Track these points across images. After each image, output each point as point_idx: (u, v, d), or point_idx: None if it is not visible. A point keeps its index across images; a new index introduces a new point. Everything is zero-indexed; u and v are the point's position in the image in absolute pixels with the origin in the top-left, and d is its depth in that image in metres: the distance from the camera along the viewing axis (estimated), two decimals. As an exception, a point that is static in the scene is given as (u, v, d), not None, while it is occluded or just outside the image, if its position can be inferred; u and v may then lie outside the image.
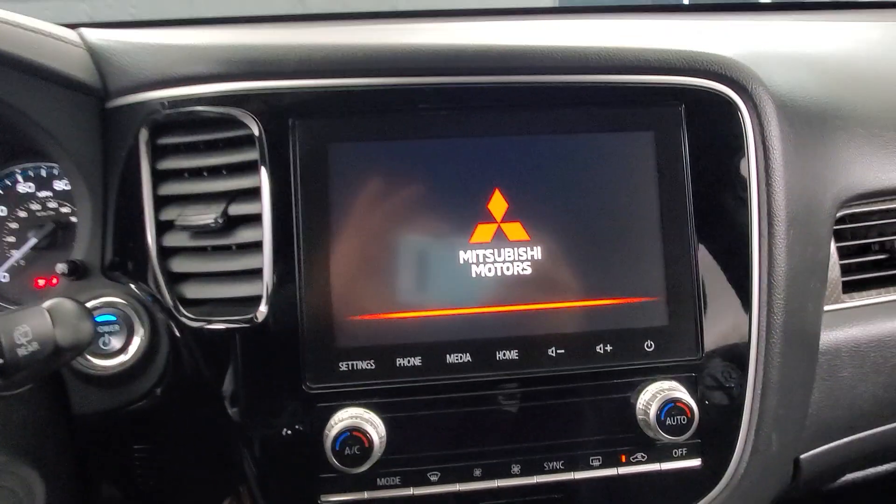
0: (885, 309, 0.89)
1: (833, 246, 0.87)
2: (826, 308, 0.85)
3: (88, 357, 0.73)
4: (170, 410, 0.75)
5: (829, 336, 0.84)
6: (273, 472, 0.70)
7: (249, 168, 0.72)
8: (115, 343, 0.73)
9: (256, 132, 0.71)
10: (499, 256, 0.72)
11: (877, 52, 0.96)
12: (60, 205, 0.89)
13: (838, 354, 0.84)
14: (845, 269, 0.88)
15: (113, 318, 0.73)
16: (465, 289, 0.71)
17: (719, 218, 0.75)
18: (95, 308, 0.74)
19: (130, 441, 0.77)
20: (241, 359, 0.71)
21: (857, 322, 0.86)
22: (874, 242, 0.92)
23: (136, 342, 0.73)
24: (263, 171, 0.71)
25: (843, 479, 1.08)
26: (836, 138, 0.85)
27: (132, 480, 0.79)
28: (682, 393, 0.71)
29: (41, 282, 0.89)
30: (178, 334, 0.73)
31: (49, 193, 0.90)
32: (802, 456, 0.84)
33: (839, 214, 0.88)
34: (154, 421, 0.76)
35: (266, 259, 0.70)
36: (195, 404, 0.74)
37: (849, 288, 0.89)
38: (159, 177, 0.74)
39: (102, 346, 0.73)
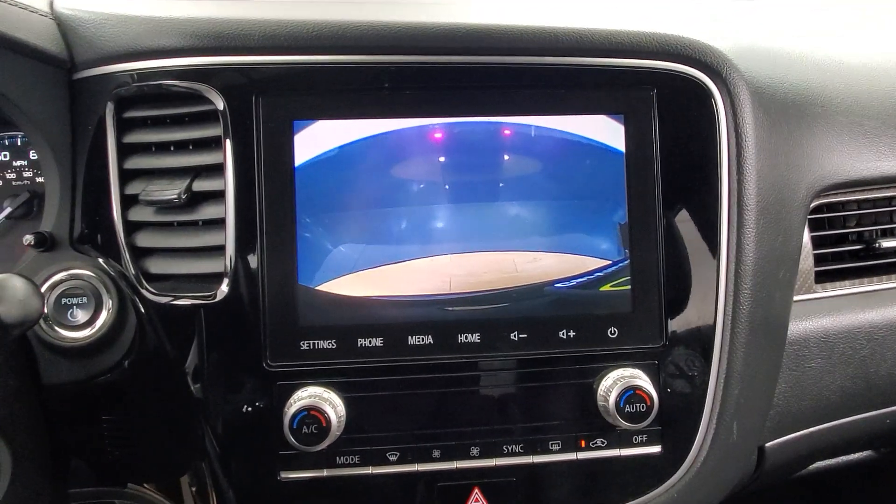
0: (857, 300, 0.88)
1: (807, 235, 0.86)
2: (797, 298, 0.85)
3: (57, 329, 0.73)
4: (137, 383, 0.76)
5: (799, 326, 0.83)
6: (233, 448, 0.71)
7: (214, 144, 0.71)
8: (83, 316, 0.73)
9: (221, 107, 0.70)
10: (461, 236, 0.71)
11: (863, 39, 0.94)
12: (36, 174, 0.89)
13: (807, 345, 0.84)
14: (819, 259, 0.88)
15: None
16: (430, 270, 0.71)
17: (688, 205, 0.74)
18: (62, 280, 0.74)
19: (98, 411, 0.78)
20: (203, 335, 0.71)
21: (828, 313, 0.85)
22: (851, 232, 0.92)
23: (104, 315, 0.73)
24: (227, 147, 0.70)
25: (816, 465, 1.08)
26: (815, 126, 0.84)
27: (100, 451, 0.79)
28: (642, 381, 0.71)
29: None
30: (142, 309, 0.73)
31: (24, 163, 0.89)
32: (767, 445, 0.85)
33: (816, 203, 0.87)
34: (122, 393, 0.76)
35: (228, 236, 0.70)
36: (160, 378, 0.75)
37: (822, 278, 0.88)
38: (126, 150, 0.74)
39: (70, 319, 0.74)
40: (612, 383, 0.71)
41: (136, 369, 0.75)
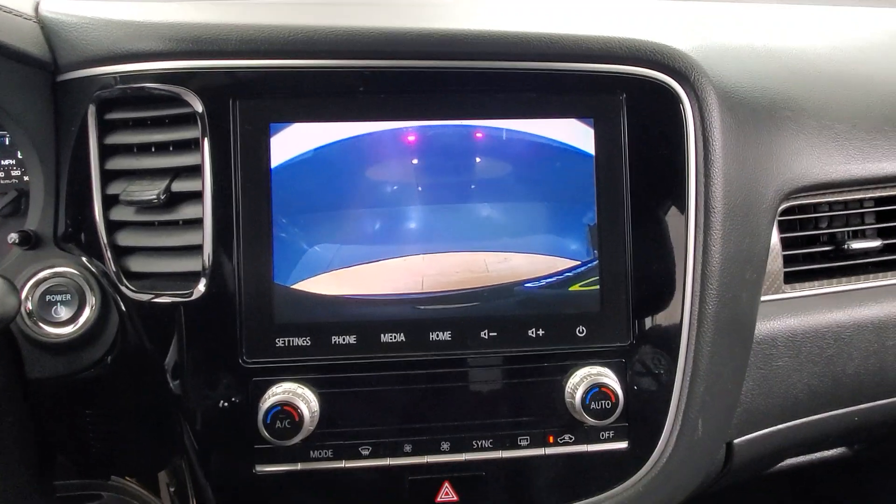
0: (825, 300, 0.90)
1: (777, 237, 0.88)
2: (765, 298, 0.86)
3: (41, 325, 0.75)
4: (119, 379, 0.78)
5: (767, 325, 0.85)
6: (210, 442, 0.73)
7: (193, 145, 0.73)
8: (67, 313, 0.75)
9: (199, 110, 0.72)
10: (433, 237, 0.73)
11: (836, 42, 0.96)
12: (24, 173, 0.90)
13: (774, 344, 0.85)
14: (789, 260, 0.90)
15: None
16: (402, 269, 0.73)
17: (656, 207, 0.76)
18: (46, 278, 0.76)
19: (82, 406, 0.80)
20: (182, 332, 0.73)
21: (796, 312, 0.87)
22: (822, 234, 0.93)
23: (87, 312, 0.75)
24: (204, 149, 0.72)
25: (791, 462, 1.10)
26: (784, 129, 0.86)
27: (84, 445, 0.81)
28: (608, 378, 0.72)
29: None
30: (123, 307, 0.75)
31: (12, 161, 0.91)
32: (736, 441, 0.87)
33: (786, 205, 0.89)
34: (104, 388, 0.78)
35: (206, 235, 0.72)
36: (141, 374, 0.76)
37: (791, 278, 0.90)
38: (107, 151, 0.75)
39: (54, 315, 0.76)
40: (579, 381, 0.72)
41: (117, 365, 0.77)
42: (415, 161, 0.74)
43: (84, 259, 0.77)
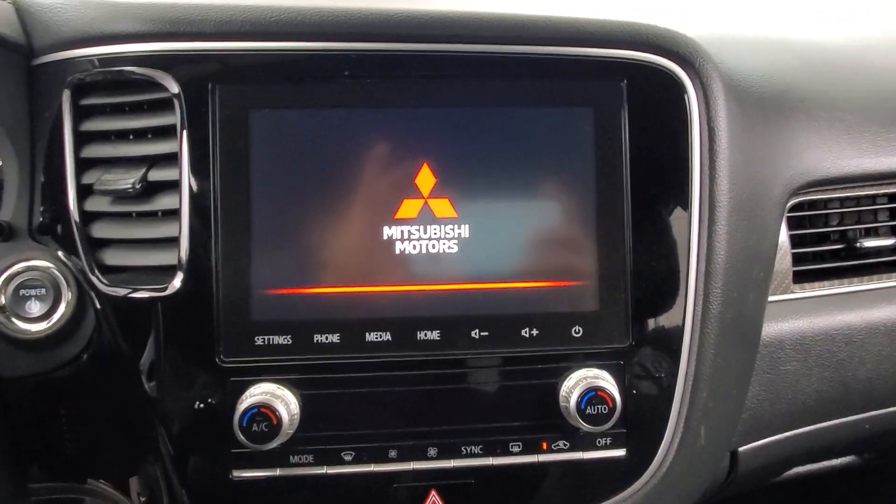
0: (835, 301, 0.86)
1: (786, 234, 0.84)
2: (773, 298, 0.82)
3: (14, 321, 0.72)
4: (95, 377, 0.74)
5: (774, 327, 0.81)
6: (186, 445, 0.69)
7: (171, 132, 0.69)
8: (41, 308, 0.72)
9: (176, 94, 0.68)
10: (424, 233, 0.70)
11: (848, 33, 0.92)
12: None
13: (782, 347, 0.81)
14: (798, 259, 0.86)
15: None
16: (388, 265, 0.69)
17: (658, 201, 0.72)
18: (20, 272, 0.73)
19: (57, 406, 0.77)
20: (157, 329, 0.69)
21: (805, 314, 0.83)
22: (832, 231, 0.89)
23: (62, 308, 0.72)
24: (182, 136, 0.68)
25: (798, 470, 1.06)
26: (794, 121, 0.82)
27: (59, 446, 0.78)
28: (605, 381, 0.68)
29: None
30: (97, 302, 0.71)
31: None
32: (741, 449, 0.83)
33: (795, 201, 0.85)
34: (80, 387, 0.75)
35: (183, 228, 0.68)
36: (117, 373, 0.73)
37: (800, 278, 0.86)
38: (83, 139, 0.72)
39: (28, 311, 0.72)
40: (574, 384, 0.68)
41: (94, 363, 0.73)
42: (406, 150, 0.70)
43: (60, 252, 0.73)
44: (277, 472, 0.68)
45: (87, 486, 0.79)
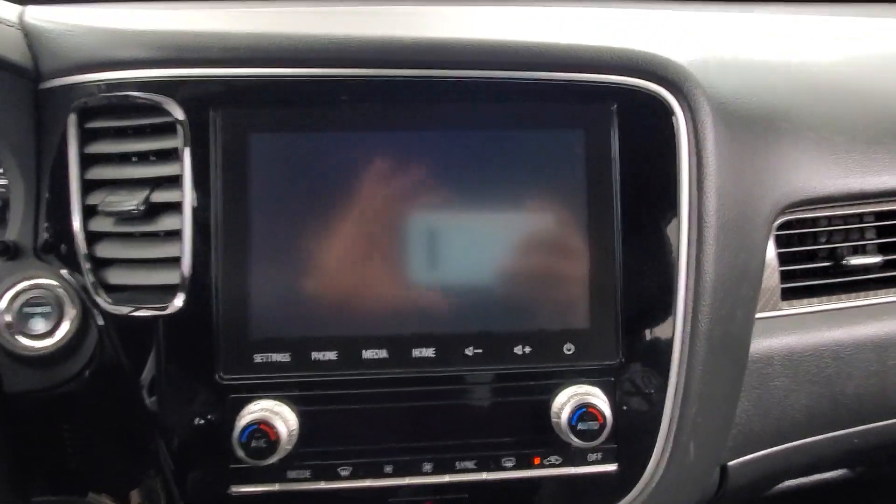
0: (823, 317, 0.87)
1: (773, 251, 0.86)
2: (761, 315, 0.84)
3: (18, 338, 0.73)
4: (97, 393, 0.76)
5: (763, 344, 0.83)
6: (185, 461, 0.71)
7: (174, 155, 0.72)
8: (46, 325, 0.74)
9: (180, 119, 0.70)
10: (420, 253, 0.71)
11: (836, 54, 0.94)
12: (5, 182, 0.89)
13: (770, 363, 0.83)
14: (786, 276, 0.87)
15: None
16: (385, 284, 0.71)
17: (647, 221, 0.74)
18: (25, 290, 0.75)
19: (59, 421, 0.78)
20: (158, 346, 0.71)
21: (794, 330, 0.85)
22: (820, 249, 0.91)
23: (66, 325, 0.73)
24: (185, 159, 0.70)
25: (789, 484, 1.08)
26: (782, 142, 0.84)
27: (61, 460, 0.79)
28: (596, 398, 0.70)
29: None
30: (100, 320, 0.73)
31: (-1, 170, 0.89)
32: (730, 464, 0.84)
33: (783, 219, 0.87)
34: (82, 402, 0.76)
35: (185, 248, 0.70)
36: (118, 389, 0.75)
37: (788, 295, 0.87)
38: (88, 161, 0.74)
39: (32, 328, 0.74)
40: (566, 400, 0.70)
41: (96, 379, 0.75)
42: (401, 172, 0.72)
43: (64, 271, 0.75)
44: (276, 487, 0.70)
45: (88, 499, 0.80)
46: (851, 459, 1.04)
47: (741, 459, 0.84)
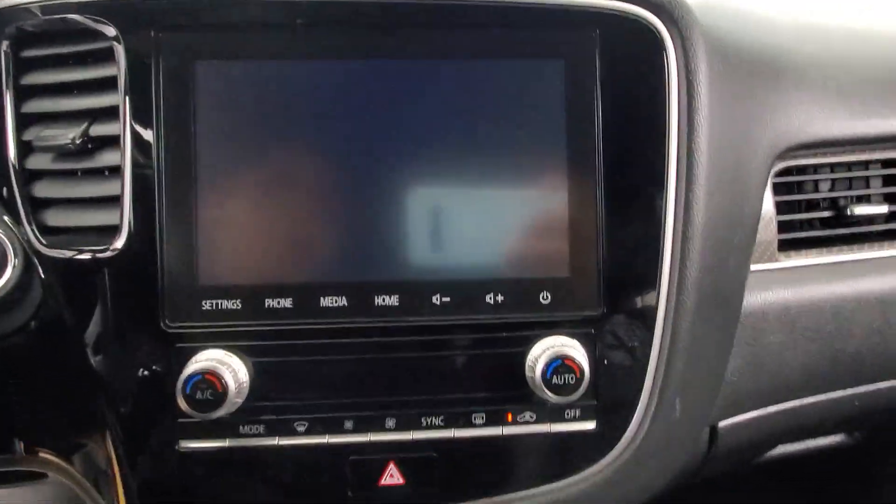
0: (823, 271, 0.81)
1: (771, 200, 0.80)
2: (757, 267, 0.78)
3: (-44, 288, 0.68)
4: (43, 345, 0.71)
5: (757, 297, 0.77)
6: (131, 415, 0.66)
7: (113, 85, 0.65)
8: (-15, 274, 0.69)
9: (118, 44, 0.64)
10: (381, 193, 0.65)
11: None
12: None
13: (766, 318, 0.77)
14: (784, 227, 0.81)
15: None
16: (343, 226, 0.65)
17: (632, 160, 0.68)
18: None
19: (4, 376, 0.73)
20: (101, 293, 0.66)
21: (791, 284, 0.79)
22: (821, 198, 0.85)
23: (7, 274, 0.68)
24: (123, 89, 0.64)
25: (785, 450, 1.02)
26: (783, 80, 0.77)
27: (9, 417, 0.75)
28: (573, 350, 0.64)
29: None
30: (40, 268, 0.68)
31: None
32: (720, 424, 0.79)
33: (782, 165, 0.80)
34: (28, 355, 0.71)
35: (125, 186, 0.64)
36: (63, 341, 0.69)
37: (786, 246, 0.81)
38: (24, 93, 0.68)
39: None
40: (541, 352, 0.64)
41: (41, 331, 0.70)
42: (362, 105, 0.66)
43: (6, 217, 0.69)
44: (227, 442, 0.65)
45: (34, 456, 0.75)
46: (851, 423, 0.99)
47: (732, 420, 0.79)
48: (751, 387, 0.77)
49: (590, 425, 0.67)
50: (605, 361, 0.67)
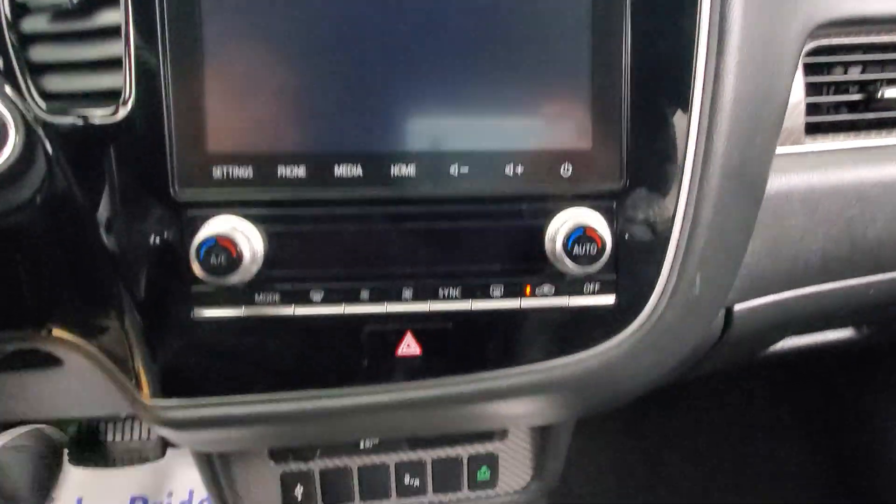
0: (850, 156, 0.79)
1: (801, 80, 0.77)
2: (782, 150, 0.76)
3: (-45, 163, 0.66)
4: (50, 220, 0.69)
5: (782, 180, 0.75)
6: (144, 285, 0.65)
7: (113, -65, 0.61)
8: (-13, 146, 0.66)
9: None
10: (399, 58, 0.62)
11: None
12: None
13: (789, 200, 0.76)
14: (812, 109, 0.78)
15: None
16: (360, 92, 0.62)
17: (661, 27, 0.64)
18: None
19: (12, 253, 0.72)
20: (106, 161, 0.63)
21: (816, 168, 0.77)
22: (852, 81, 0.81)
23: (10, 146, 0.66)
24: (121, -65, 0.60)
25: (791, 345, 1.03)
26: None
27: (18, 295, 0.74)
28: (594, 221, 0.63)
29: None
30: (44, 136, 0.65)
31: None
32: (736, 307, 0.78)
33: (814, 44, 0.77)
34: (35, 230, 0.70)
35: (129, 45, 0.61)
36: (71, 213, 0.68)
37: (813, 130, 0.79)
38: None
39: (-27, 151, 0.66)
40: (562, 223, 0.63)
41: (48, 205, 0.68)
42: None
43: (7, 88, 0.66)
44: (242, 311, 0.64)
45: (48, 334, 0.75)
46: (864, 314, 0.99)
47: (748, 304, 0.78)
48: (769, 270, 0.77)
49: (609, 299, 0.67)
50: (626, 235, 0.66)
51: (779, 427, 1.65)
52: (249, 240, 0.61)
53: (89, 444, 1.49)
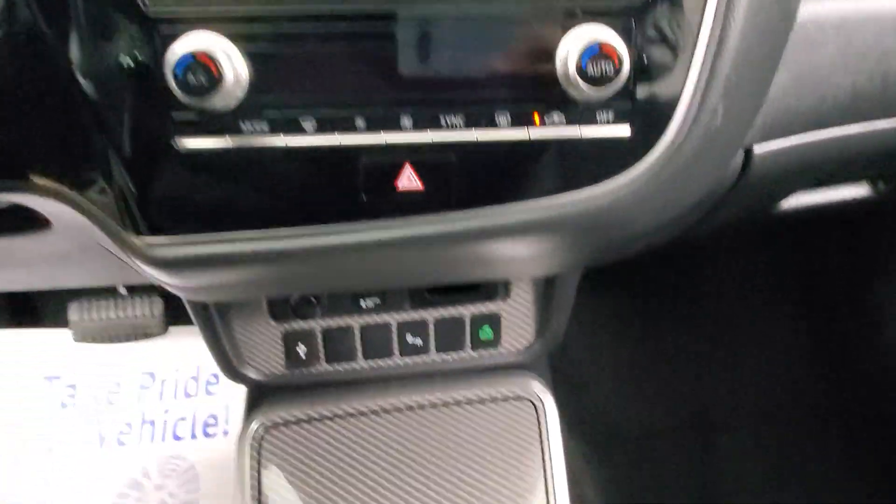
0: (889, -20, 0.72)
1: None
2: (817, -29, 0.69)
3: None
4: (16, 55, 0.63)
5: (814, 7, 0.68)
6: (121, 115, 0.60)
7: None
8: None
9: None
10: None
11: None
12: None
13: (821, 28, 0.69)
14: (854, -74, 0.70)
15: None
16: None
17: None
18: None
19: None
20: (71, -22, 0.57)
21: (852, -7, 0.70)
22: None
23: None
24: None
25: (798, 202, 1.00)
26: None
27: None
28: (611, 37, 0.57)
29: None
30: None
31: None
32: (756, 148, 0.74)
33: None
34: (2, 69, 0.64)
35: None
36: (38, 44, 0.62)
37: (852, -49, 0.71)
38: None
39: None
40: (575, 41, 0.57)
41: (11, 39, 0.62)
42: None
43: None
44: (227, 139, 0.59)
45: (27, 182, 0.71)
46: (885, 164, 0.95)
47: (768, 145, 0.74)
48: (794, 106, 0.71)
49: (624, 129, 0.62)
50: (645, 58, 0.60)
51: (777, 300, 1.67)
52: (231, 58, 0.55)
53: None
